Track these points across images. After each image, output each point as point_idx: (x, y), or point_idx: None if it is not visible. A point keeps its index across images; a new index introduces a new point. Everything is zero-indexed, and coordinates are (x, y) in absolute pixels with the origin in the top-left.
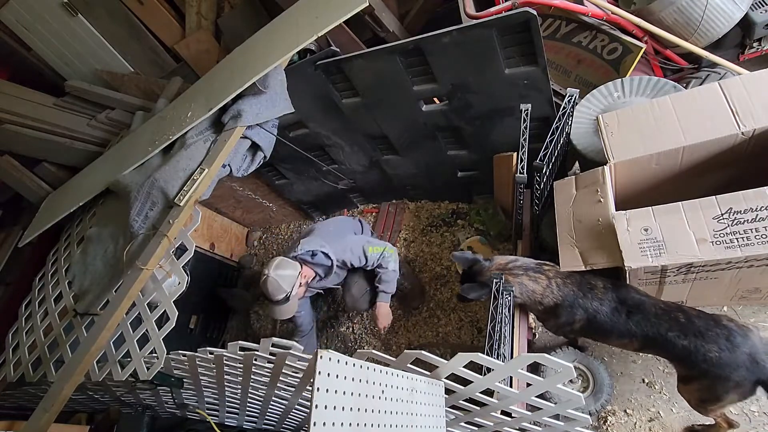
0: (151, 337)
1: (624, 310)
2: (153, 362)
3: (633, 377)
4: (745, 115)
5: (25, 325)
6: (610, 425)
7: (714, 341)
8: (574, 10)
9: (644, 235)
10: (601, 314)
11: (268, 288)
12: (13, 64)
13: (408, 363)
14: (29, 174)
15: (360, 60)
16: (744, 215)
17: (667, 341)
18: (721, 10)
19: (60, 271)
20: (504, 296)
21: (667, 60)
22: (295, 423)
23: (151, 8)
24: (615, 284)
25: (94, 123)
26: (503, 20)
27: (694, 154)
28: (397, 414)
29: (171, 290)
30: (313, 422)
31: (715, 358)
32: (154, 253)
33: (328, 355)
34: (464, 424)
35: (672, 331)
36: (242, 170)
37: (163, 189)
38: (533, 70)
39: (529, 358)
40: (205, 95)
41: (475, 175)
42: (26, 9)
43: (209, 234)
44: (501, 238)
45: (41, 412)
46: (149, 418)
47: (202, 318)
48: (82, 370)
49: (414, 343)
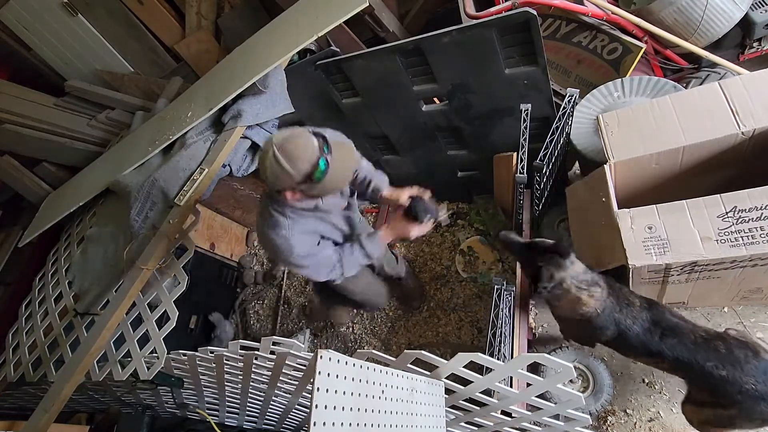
0: (151, 336)
1: (658, 332)
2: (153, 362)
3: (633, 377)
4: (745, 114)
5: (25, 325)
6: (610, 425)
7: (752, 374)
8: (574, 10)
9: (648, 233)
10: (632, 332)
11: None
12: (13, 64)
13: (408, 363)
14: (29, 174)
15: (360, 60)
16: (749, 214)
17: (703, 370)
18: (721, 10)
19: (60, 271)
20: (504, 299)
21: (667, 60)
22: (295, 423)
23: (151, 8)
24: (651, 303)
25: (94, 123)
26: (503, 20)
27: (695, 153)
28: (397, 414)
29: (171, 290)
30: (313, 422)
31: (752, 390)
32: (154, 253)
33: (328, 355)
34: (464, 424)
35: (710, 361)
36: (242, 170)
37: (163, 189)
38: (533, 70)
39: (529, 358)
40: (205, 95)
41: (475, 175)
42: (26, 9)
43: (209, 234)
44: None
45: (41, 412)
46: (149, 418)
47: (202, 318)
48: (82, 370)
49: (414, 343)
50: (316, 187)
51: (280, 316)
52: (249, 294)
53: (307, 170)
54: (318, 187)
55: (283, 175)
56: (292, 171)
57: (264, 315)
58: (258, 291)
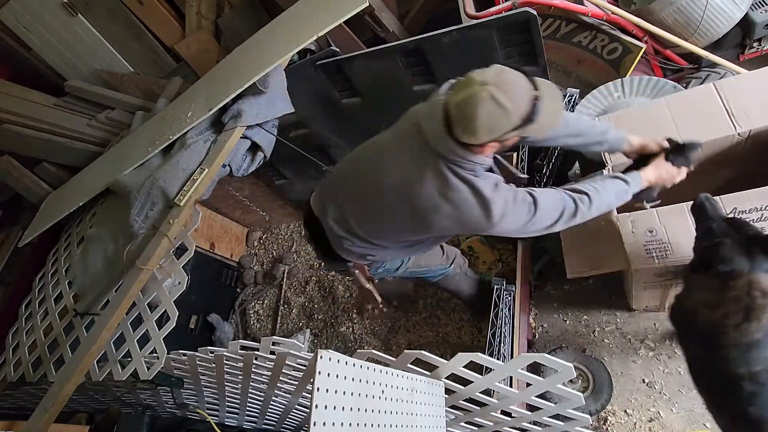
0: (151, 336)
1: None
2: (153, 362)
3: (633, 377)
4: (740, 115)
5: (25, 325)
6: (610, 425)
7: None
8: (574, 10)
9: (649, 237)
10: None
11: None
12: (13, 64)
13: (408, 363)
14: (29, 174)
15: (360, 60)
16: (749, 215)
17: None
18: (721, 10)
19: (60, 271)
20: (504, 299)
21: (667, 60)
22: (295, 423)
23: (151, 8)
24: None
25: (94, 123)
26: (503, 20)
27: None
28: (397, 414)
29: (171, 290)
30: (313, 422)
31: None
32: (154, 253)
33: (328, 355)
34: (464, 424)
35: None
36: (242, 170)
37: (163, 189)
38: (533, 70)
39: (529, 358)
40: (205, 95)
41: None
42: (26, 9)
43: (209, 234)
44: (501, 238)
45: (41, 412)
46: (149, 418)
47: (202, 318)
48: (82, 370)
49: (414, 343)
50: (529, 129)
51: (280, 316)
52: (249, 294)
53: (527, 110)
54: (532, 129)
55: (503, 118)
56: (513, 111)
57: (264, 315)
58: (258, 291)
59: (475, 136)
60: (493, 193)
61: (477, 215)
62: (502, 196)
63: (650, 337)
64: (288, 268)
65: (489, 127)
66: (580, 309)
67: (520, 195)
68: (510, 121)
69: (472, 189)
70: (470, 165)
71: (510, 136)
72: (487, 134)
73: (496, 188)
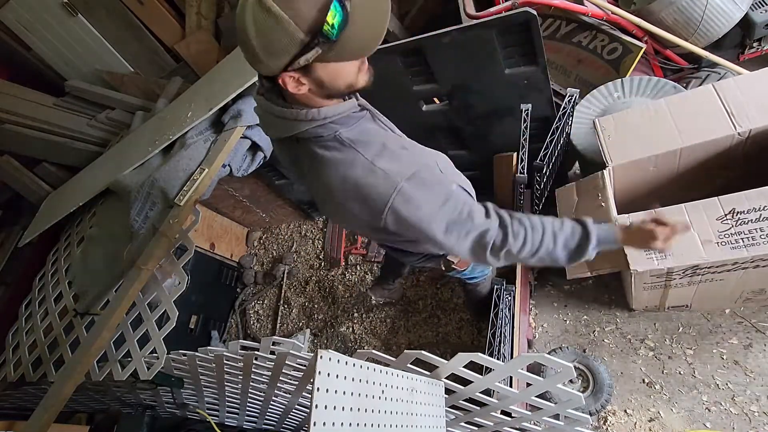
0: (151, 336)
1: None
2: (153, 362)
3: (633, 377)
4: (740, 115)
5: (25, 325)
6: (610, 425)
7: None
8: (574, 10)
9: None
10: None
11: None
12: (13, 64)
13: (408, 363)
14: (29, 174)
15: None
16: (747, 215)
17: None
18: (721, 10)
19: (60, 271)
20: (504, 299)
21: (667, 60)
22: (295, 423)
23: (151, 8)
24: None
25: (94, 123)
26: (503, 20)
27: (692, 155)
28: (397, 414)
29: (171, 290)
30: (313, 422)
31: None
32: (154, 253)
33: (328, 355)
34: (464, 424)
35: None
36: (242, 170)
37: (163, 189)
38: (533, 70)
39: (529, 358)
40: (205, 95)
41: (475, 175)
42: (26, 9)
43: (209, 234)
44: None
45: (41, 412)
46: (149, 418)
47: (202, 318)
48: (82, 370)
49: (414, 343)
50: (331, 53)
51: (280, 316)
52: (249, 294)
53: (313, 17)
54: (335, 52)
55: (276, 30)
56: (286, 17)
57: (264, 315)
58: (258, 291)
59: (257, 59)
60: (374, 156)
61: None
62: (390, 156)
63: (650, 337)
64: (288, 268)
65: (265, 45)
66: (580, 309)
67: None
68: (289, 36)
69: (345, 154)
70: (321, 125)
71: (301, 60)
72: (268, 56)
73: (382, 150)
